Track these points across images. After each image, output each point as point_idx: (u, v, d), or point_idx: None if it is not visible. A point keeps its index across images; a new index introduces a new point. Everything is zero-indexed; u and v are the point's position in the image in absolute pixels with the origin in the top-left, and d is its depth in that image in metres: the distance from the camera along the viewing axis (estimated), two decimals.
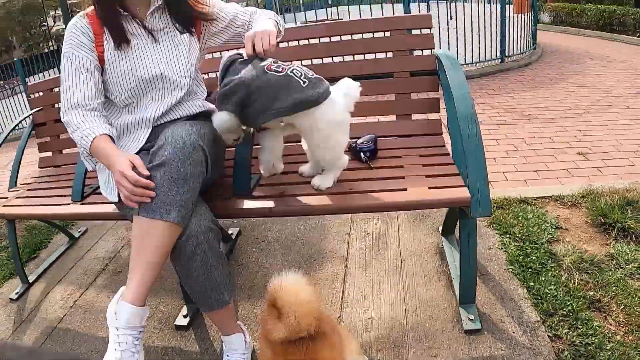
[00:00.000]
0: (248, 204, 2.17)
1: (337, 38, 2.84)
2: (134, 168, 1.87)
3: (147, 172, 1.86)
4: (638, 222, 2.80)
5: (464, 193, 1.90)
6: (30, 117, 3.62)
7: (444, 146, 2.46)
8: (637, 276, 2.42)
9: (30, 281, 3.28)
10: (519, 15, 9.93)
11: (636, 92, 6.73)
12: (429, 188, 2.00)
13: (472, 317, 2.23)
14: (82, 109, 2.14)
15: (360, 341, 2.23)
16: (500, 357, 2.05)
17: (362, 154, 2.40)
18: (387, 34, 2.71)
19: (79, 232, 3.89)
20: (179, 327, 2.53)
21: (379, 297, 2.50)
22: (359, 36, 2.89)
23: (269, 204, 2.14)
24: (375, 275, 2.69)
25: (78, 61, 2.16)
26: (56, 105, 3.51)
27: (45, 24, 35.52)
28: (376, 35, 2.84)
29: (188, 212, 1.89)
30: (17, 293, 3.17)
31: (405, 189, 2.02)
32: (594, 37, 13.31)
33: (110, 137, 2.10)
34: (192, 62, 2.34)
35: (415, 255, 2.80)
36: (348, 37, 2.84)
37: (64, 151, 3.56)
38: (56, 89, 3.48)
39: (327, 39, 2.81)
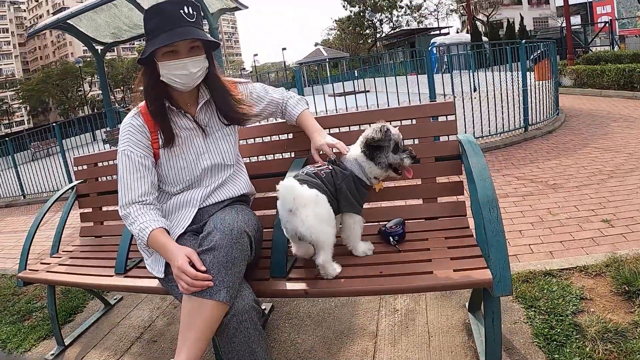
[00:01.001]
0: (285, 285, 2.35)
1: (366, 126, 3.00)
2: (191, 263, 2.08)
3: (204, 268, 2.06)
4: None
5: (486, 275, 2.04)
6: (74, 187, 3.86)
7: (468, 227, 2.61)
8: None
9: (66, 344, 3.43)
10: (541, 82, 10.07)
11: None
12: (454, 270, 2.15)
13: None
14: (139, 204, 2.38)
15: None
16: None
17: (391, 238, 2.56)
18: (414, 121, 2.91)
19: (115, 299, 4.06)
20: None
21: None
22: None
23: (305, 286, 2.30)
24: (403, 351, 2.78)
25: (136, 159, 2.40)
26: (99, 179, 3.79)
27: (82, 89, 36.57)
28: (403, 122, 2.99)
29: (235, 292, 2.10)
30: (52, 354, 3.32)
31: (431, 272, 2.17)
32: (615, 96, 13.37)
33: (166, 230, 2.33)
34: (236, 148, 2.69)
35: (442, 331, 2.89)
36: None
37: (105, 223, 3.79)
38: (100, 164, 3.78)
39: (356, 127, 2.98)
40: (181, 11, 2.26)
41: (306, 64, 32.81)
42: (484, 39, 26.05)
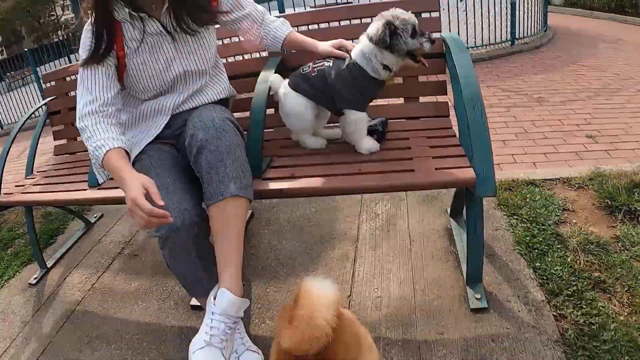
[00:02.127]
0: (260, 185, 2.20)
1: (346, 22, 2.85)
2: (147, 196, 1.76)
3: (161, 202, 1.75)
4: None
5: (469, 173, 1.93)
6: (45, 105, 3.66)
7: (451, 128, 2.48)
8: None
9: (49, 266, 3.35)
10: None
11: None
12: (436, 169, 2.03)
13: (478, 296, 2.27)
14: (99, 114, 2.07)
15: (369, 320, 2.27)
16: (505, 335, 2.08)
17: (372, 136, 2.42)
18: None
19: (95, 217, 3.95)
20: (194, 307, 2.59)
21: (388, 277, 2.54)
22: (367, 20, 2.89)
23: (280, 185, 2.17)
24: (384, 255, 2.72)
25: (99, 67, 2.13)
26: (70, 94, 3.57)
27: (54, 13, 35.42)
28: None
29: (246, 181, 1.98)
30: (35, 278, 3.23)
31: (412, 170, 2.05)
32: (606, 19, 13.16)
33: (126, 151, 2.03)
34: (212, 52, 2.38)
35: (424, 236, 2.83)
36: (357, 21, 2.86)
37: (79, 138, 3.59)
38: (68, 78, 3.57)
39: (336, 24, 2.83)
40: None
41: None
42: None
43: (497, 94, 6.23)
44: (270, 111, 2.64)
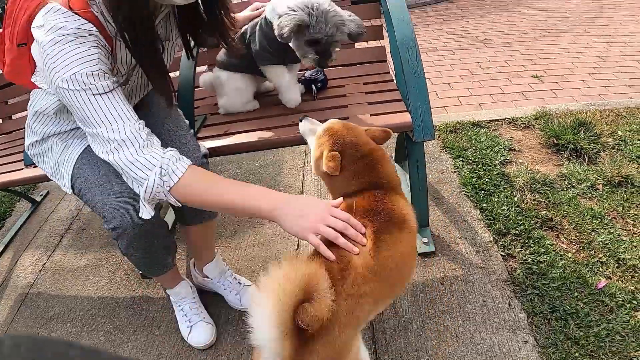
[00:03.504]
0: None
1: None
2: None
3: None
4: (590, 143, 2.82)
5: (405, 118, 1.89)
6: None
7: (388, 72, 2.42)
8: (588, 195, 2.47)
9: None
10: None
11: (594, 15, 6.72)
12: (371, 115, 1.99)
13: (425, 240, 2.25)
14: (143, 138, 1.54)
15: None
16: (454, 277, 2.08)
17: (312, 86, 2.35)
18: None
19: (41, 195, 3.79)
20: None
21: None
22: None
23: (215, 143, 2.09)
24: None
25: (113, 82, 1.54)
26: None
27: None
28: None
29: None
30: None
31: (347, 118, 1.99)
32: None
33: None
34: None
35: None
36: None
37: (14, 117, 3.41)
38: None
39: None
40: None
41: None
42: None
43: (442, 37, 6.18)
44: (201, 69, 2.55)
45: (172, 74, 2.39)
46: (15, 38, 1.62)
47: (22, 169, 2.56)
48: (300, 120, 1.72)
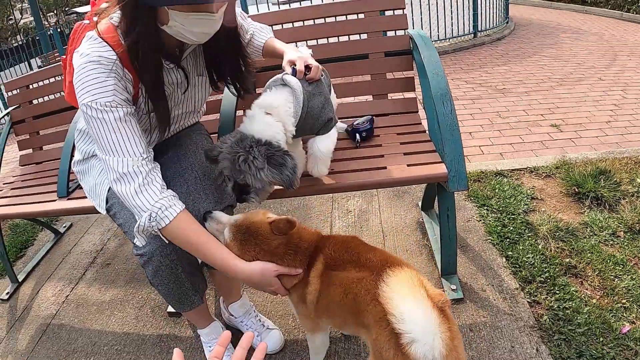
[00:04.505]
0: None
1: (310, 22, 2.87)
2: None
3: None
4: (611, 191, 2.89)
5: (441, 169, 1.96)
6: (8, 115, 3.56)
7: (420, 123, 2.51)
8: (610, 242, 2.52)
9: (20, 280, 3.26)
10: None
11: (608, 63, 6.82)
12: (408, 165, 2.06)
13: (454, 287, 2.31)
14: (142, 176, 1.66)
15: None
16: (482, 324, 2.13)
17: (357, 135, 2.40)
18: (361, 15, 2.73)
19: (64, 227, 3.87)
20: (171, 314, 2.57)
21: None
22: (331, 19, 2.91)
23: None
24: None
25: (127, 110, 1.66)
26: (34, 102, 3.48)
27: (12, 17, 34.72)
28: (349, 17, 2.84)
29: None
30: (7, 293, 3.15)
31: (384, 167, 2.07)
32: (566, 9, 13.33)
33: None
34: (209, 90, 2.12)
35: (396, 230, 2.86)
36: (321, 20, 2.90)
37: (44, 147, 3.52)
38: (32, 86, 3.46)
39: (301, 23, 2.83)
40: None
41: None
42: None
43: (461, 86, 6.29)
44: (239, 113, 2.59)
45: (213, 115, 2.51)
46: (71, 62, 1.76)
47: (55, 200, 2.65)
48: (205, 220, 1.77)
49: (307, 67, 1.89)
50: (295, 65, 1.89)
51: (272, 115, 1.74)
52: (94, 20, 1.71)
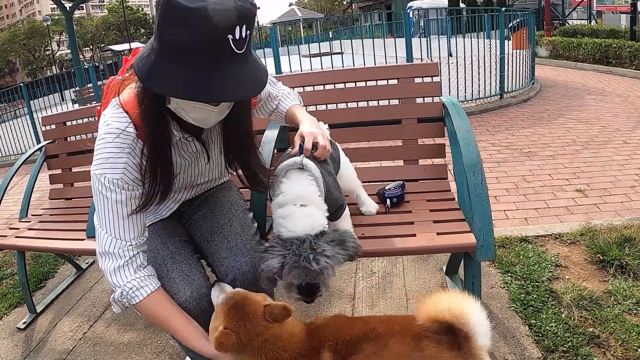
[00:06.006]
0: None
1: (341, 85, 2.97)
2: None
3: None
4: (636, 259, 2.91)
5: (470, 239, 2.01)
6: (43, 147, 3.70)
7: (450, 190, 2.58)
8: (634, 312, 2.54)
9: (38, 311, 3.32)
10: (518, 51, 10.09)
11: (633, 126, 6.87)
12: (437, 234, 2.11)
13: None
14: (124, 259, 1.73)
15: None
16: None
17: (388, 200, 2.46)
18: (393, 81, 2.84)
19: (87, 263, 3.96)
20: None
21: None
22: (362, 83, 3.03)
23: None
24: (381, 313, 2.77)
25: (130, 193, 1.72)
26: (69, 139, 3.63)
27: (50, 48, 35.64)
28: (379, 82, 2.95)
29: None
30: (24, 322, 3.20)
31: (414, 235, 2.13)
32: (591, 70, 13.43)
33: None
34: None
35: (420, 293, 2.90)
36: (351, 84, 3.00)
37: (75, 184, 3.65)
38: (69, 123, 3.61)
39: (332, 85, 2.94)
40: (230, 36, 1.37)
41: (280, 24, 32.34)
42: (461, 5, 25.89)
43: (487, 148, 6.36)
44: None
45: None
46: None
47: (84, 239, 2.72)
48: (212, 286, 1.85)
49: (314, 145, 1.88)
50: (303, 142, 1.88)
51: (307, 205, 1.74)
52: (126, 75, 1.82)
